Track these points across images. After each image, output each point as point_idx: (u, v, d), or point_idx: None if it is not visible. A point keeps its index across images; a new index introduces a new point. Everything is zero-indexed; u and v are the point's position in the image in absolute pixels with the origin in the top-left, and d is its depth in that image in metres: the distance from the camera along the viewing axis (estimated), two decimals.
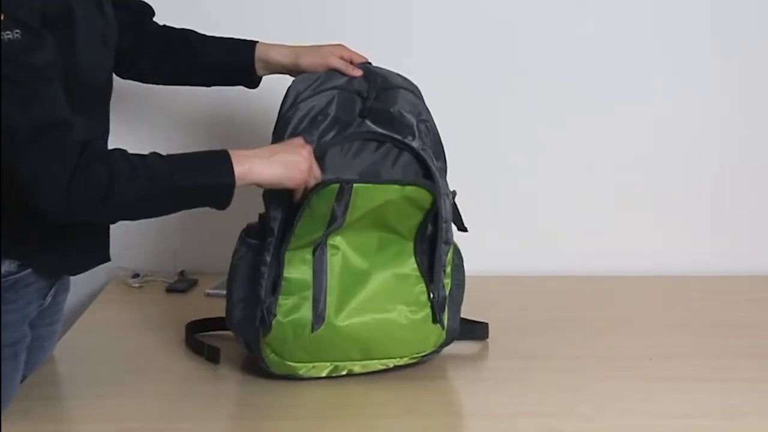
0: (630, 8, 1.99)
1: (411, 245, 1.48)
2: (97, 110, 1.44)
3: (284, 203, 1.41)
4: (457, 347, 1.62)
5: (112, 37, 1.46)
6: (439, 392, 1.51)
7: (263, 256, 1.43)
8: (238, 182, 1.32)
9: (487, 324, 1.66)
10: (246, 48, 1.60)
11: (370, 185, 1.39)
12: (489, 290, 1.89)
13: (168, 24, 1.66)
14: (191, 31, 1.65)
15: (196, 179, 1.32)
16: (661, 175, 2.07)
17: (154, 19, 1.66)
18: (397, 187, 1.40)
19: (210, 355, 1.56)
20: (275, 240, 1.42)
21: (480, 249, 1.94)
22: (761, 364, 1.60)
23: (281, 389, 1.46)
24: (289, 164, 1.34)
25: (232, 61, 1.61)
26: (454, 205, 1.53)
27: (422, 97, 1.53)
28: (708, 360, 1.61)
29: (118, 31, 1.49)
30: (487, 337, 1.66)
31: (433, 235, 1.47)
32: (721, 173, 2.08)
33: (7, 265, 1.37)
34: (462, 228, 1.55)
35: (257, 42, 1.61)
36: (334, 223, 1.40)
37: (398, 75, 1.54)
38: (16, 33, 1.22)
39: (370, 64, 1.56)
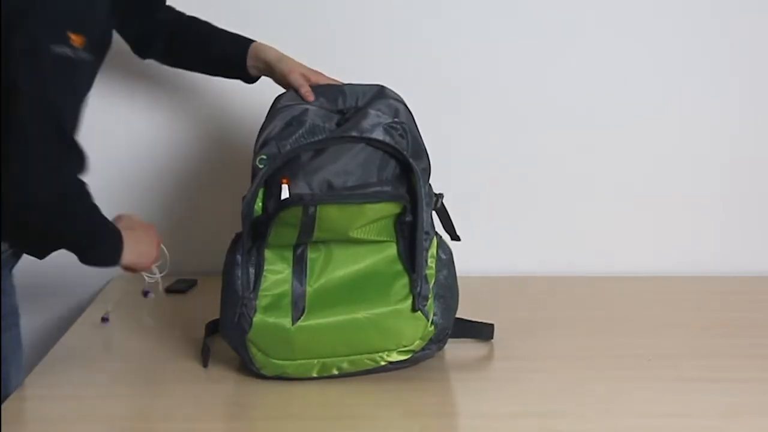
0: (634, 8, 1.99)
1: (393, 236, 1.50)
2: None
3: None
4: (458, 347, 1.62)
5: (105, 50, 1.51)
6: (439, 392, 1.51)
7: (244, 255, 1.46)
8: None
9: (492, 325, 1.66)
10: (241, 43, 1.65)
11: (333, 206, 1.41)
12: (489, 290, 1.89)
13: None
14: (200, 21, 1.70)
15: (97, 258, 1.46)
16: (661, 176, 2.07)
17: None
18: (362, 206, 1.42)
19: (203, 355, 1.57)
20: (253, 240, 1.46)
21: (480, 250, 1.94)
22: (761, 364, 1.59)
23: (279, 390, 1.46)
24: (142, 255, 1.52)
25: (227, 55, 1.66)
26: (446, 214, 1.54)
27: (406, 104, 1.54)
28: (708, 360, 1.61)
29: (123, 22, 1.58)
30: (492, 337, 1.66)
31: (412, 224, 1.48)
32: (721, 173, 2.08)
33: None
34: (454, 237, 1.56)
35: (254, 41, 1.65)
36: (305, 230, 1.43)
37: (386, 89, 1.56)
38: (90, 56, 1.33)
39: (342, 85, 1.57)
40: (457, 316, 1.57)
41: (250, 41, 1.65)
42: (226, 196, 1.58)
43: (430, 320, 1.49)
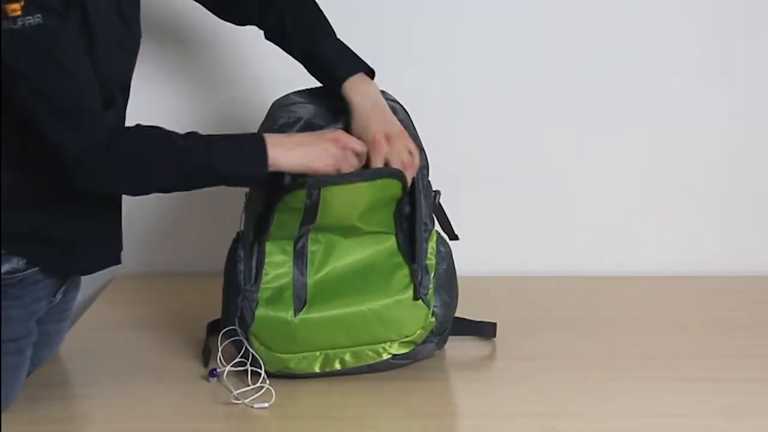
0: (634, 7, 1.99)
1: (392, 228, 1.51)
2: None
3: (261, 200, 1.46)
4: (458, 347, 1.62)
5: (132, 45, 1.49)
6: (439, 392, 1.51)
7: (245, 249, 1.48)
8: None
9: (495, 323, 1.66)
10: (335, 78, 1.52)
11: (336, 187, 1.41)
12: (489, 290, 1.89)
13: None
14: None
15: (233, 167, 1.39)
16: (661, 175, 2.07)
17: None
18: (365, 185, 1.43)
19: (203, 355, 1.57)
20: (254, 232, 1.48)
21: (480, 250, 1.94)
22: (761, 364, 1.60)
23: (280, 389, 1.46)
24: (307, 155, 1.40)
25: (321, 80, 1.56)
26: (443, 213, 1.55)
27: (403, 107, 1.56)
28: (708, 360, 1.61)
29: None
30: (495, 335, 1.66)
31: (411, 214, 1.49)
32: (721, 173, 2.08)
33: (15, 263, 1.38)
34: (452, 236, 1.56)
35: (349, 78, 1.51)
36: (309, 214, 1.43)
37: (385, 92, 1.57)
38: (38, 17, 1.24)
39: None
40: (459, 315, 1.57)
41: (345, 76, 1.50)
42: (226, 195, 1.58)
43: (431, 311, 1.50)
